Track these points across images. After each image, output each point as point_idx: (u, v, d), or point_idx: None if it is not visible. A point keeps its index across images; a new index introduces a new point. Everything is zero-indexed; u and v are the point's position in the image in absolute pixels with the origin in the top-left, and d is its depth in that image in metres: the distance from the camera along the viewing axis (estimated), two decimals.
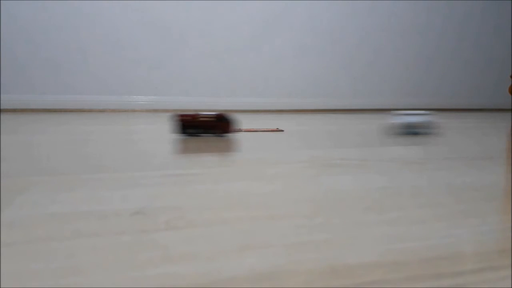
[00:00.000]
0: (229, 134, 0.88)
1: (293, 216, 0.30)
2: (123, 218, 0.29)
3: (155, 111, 2.21)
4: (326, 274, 0.20)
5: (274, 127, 1.11)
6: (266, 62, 2.43)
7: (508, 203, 0.35)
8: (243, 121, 1.38)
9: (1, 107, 2.04)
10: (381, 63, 2.65)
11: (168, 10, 2.25)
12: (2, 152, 0.61)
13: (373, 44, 2.62)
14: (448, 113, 2.34)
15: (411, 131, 0.89)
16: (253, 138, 0.83)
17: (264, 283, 0.19)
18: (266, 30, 2.41)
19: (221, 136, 0.86)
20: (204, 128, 0.86)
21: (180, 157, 0.58)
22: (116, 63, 2.20)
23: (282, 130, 1.03)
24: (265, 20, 2.41)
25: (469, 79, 2.87)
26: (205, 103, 2.31)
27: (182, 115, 0.87)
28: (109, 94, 2.20)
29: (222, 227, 0.27)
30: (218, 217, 0.30)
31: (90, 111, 2.13)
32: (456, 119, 1.63)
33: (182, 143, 0.75)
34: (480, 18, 2.85)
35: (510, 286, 0.19)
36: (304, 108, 2.47)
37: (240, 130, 1.01)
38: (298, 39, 2.47)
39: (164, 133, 0.94)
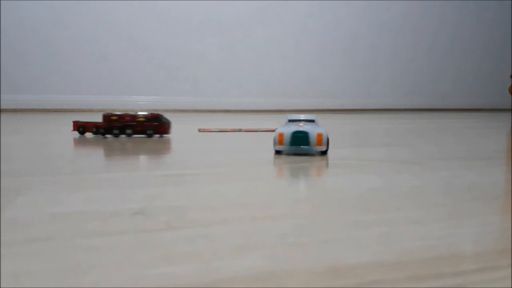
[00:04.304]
0: (166, 135, 0.87)
1: (293, 216, 0.30)
2: (123, 218, 0.29)
3: (155, 111, 2.21)
4: (326, 274, 0.20)
5: (274, 127, 1.11)
6: (265, 62, 2.43)
7: (508, 203, 0.35)
8: (243, 121, 1.38)
9: (1, 107, 2.04)
10: (380, 63, 2.65)
11: (169, 10, 2.25)
12: (2, 152, 0.61)
13: (372, 44, 2.62)
14: (448, 113, 2.34)
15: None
16: (252, 138, 0.83)
17: (264, 283, 0.19)
18: (266, 30, 2.41)
19: (161, 137, 0.85)
20: (136, 128, 0.83)
21: (180, 157, 0.58)
22: (116, 63, 2.20)
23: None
24: (264, 20, 2.41)
25: (469, 78, 2.87)
26: (205, 103, 2.32)
27: (112, 115, 0.84)
28: (109, 94, 2.20)
29: (222, 227, 0.27)
30: (218, 217, 0.30)
31: (90, 111, 2.13)
32: (455, 119, 1.63)
33: (181, 143, 0.75)
34: (479, 17, 2.85)
35: (510, 286, 0.19)
36: (304, 108, 2.47)
37: (240, 130, 1.01)
38: (297, 38, 2.47)
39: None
